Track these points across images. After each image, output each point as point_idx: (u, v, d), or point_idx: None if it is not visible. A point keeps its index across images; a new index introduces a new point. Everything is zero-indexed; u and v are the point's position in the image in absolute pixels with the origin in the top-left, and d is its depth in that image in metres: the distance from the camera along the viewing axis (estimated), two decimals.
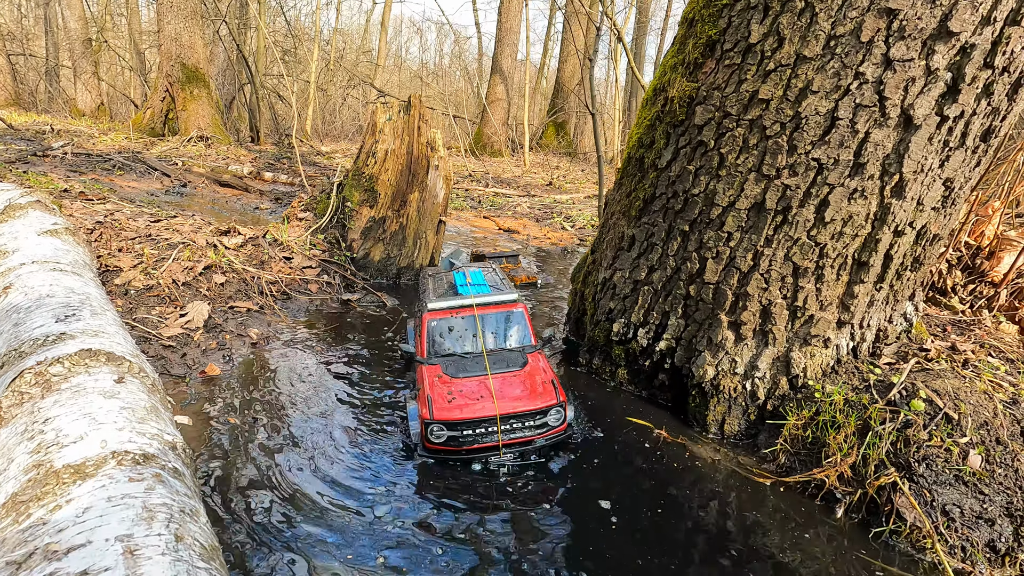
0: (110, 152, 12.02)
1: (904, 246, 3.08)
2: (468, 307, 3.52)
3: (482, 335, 3.49)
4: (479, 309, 3.53)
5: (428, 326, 3.49)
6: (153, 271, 4.57)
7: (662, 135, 3.49)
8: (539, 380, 3.18)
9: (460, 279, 3.89)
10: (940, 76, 2.63)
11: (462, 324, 3.51)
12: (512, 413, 2.96)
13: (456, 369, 3.26)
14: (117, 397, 1.92)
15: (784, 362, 3.27)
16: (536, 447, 3.04)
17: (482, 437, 2.95)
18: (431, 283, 4.01)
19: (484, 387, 3.11)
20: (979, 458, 2.52)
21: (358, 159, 6.00)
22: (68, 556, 1.25)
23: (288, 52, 22.39)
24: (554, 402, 3.03)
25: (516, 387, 3.13)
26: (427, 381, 3.15)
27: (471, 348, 3.46)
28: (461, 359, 3.37)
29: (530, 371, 3.26)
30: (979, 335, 3.68)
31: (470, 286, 3.79)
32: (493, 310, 3.56)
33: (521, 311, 3.61)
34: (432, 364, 3.32)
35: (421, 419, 2.94)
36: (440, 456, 2.97)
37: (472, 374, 3.21)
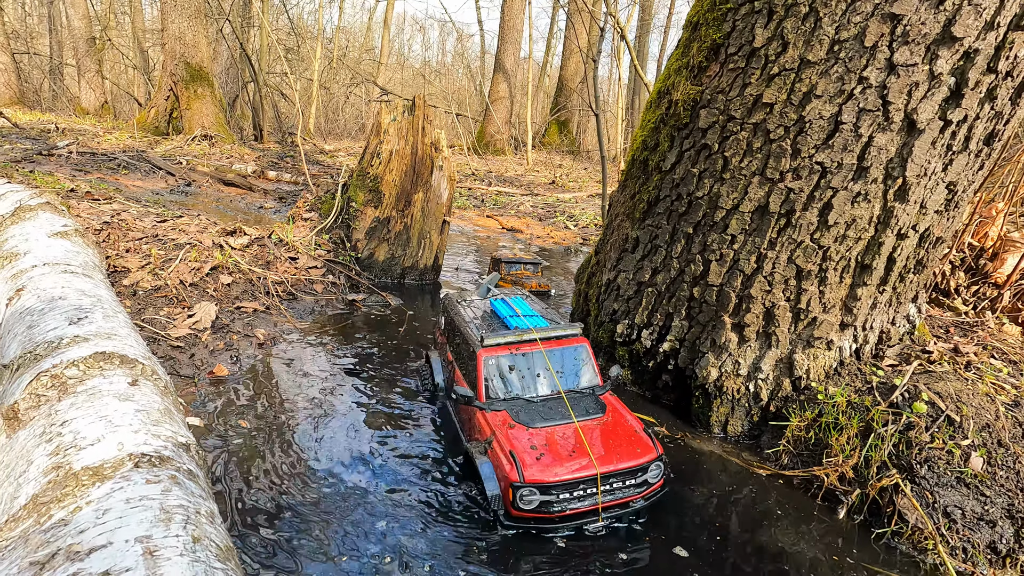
0: (115, 151, 12.08)
1: (907, 249, 3.10)
2: (532, 342, 3.05)
3: (557, 375, 3.03)
4: (544, 344, 3.06)
5: (485, 365, 2.96)
6: (160, 272, 4.61)
7: (666, 138, 3.51)
8: (629, 429, 2.77)
9: (504, 309, 3.41)
10: (944, 80, 2.65)
11: (525, 362, 3.02)
12: (613, 471, 2.51)
13: (530, 417, 2.77)
14: (132, 400, 1.96)
15: (787, 364, 3.30)
16: (634, 509, 2.61)
17: (579, 500, 2.51)
18: (464, 312, 3.49)
19: (573, 439, 2.65)
20: (981, 460, 2.55)
21: (363, 159, 6.03)
22: (90, 557, 1.29)
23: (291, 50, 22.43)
24: (654, 455, 2.61)
25: (608, 438, 2.68)
26: (501, 434, 2.65)
27: (538, 390, 2.99)
28: (530, 404, 2.89)
29: (615, 418, 2.84)
30: (982, 337, 3.70)
31: (520, 317, 3.29)
32: (557, 345, 3.09)
33: (585, 346, 3.15)
34: (496, 410, 2.82)
35: (506, 482, 2.44)
36: (527, 526, 2.50)
37: (552, 422, 2.74)
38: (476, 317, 3.41)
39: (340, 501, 2.60)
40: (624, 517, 2.61)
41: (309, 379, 3.75)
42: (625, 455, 2.57)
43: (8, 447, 1.78)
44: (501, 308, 3.42)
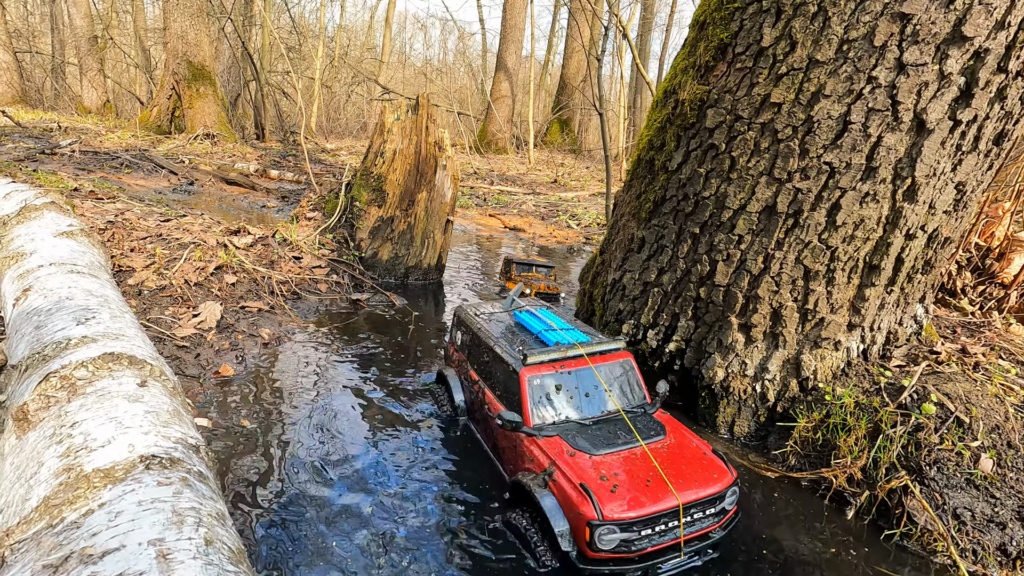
0: (117, 150, 12.08)
1: (915, 249, 3.08)
2: (577, 358, 2.81)
3: (610, 393, 2.79)
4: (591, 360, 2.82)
5: (529, 386, 2.70)
6: (165, 271, 4.61)
7: (672, 137, 3.50)
8: (697, 451, 2.55)
9: (535, 322, 3.15)
10: (953, 80, 2.63)
11: (572, 381, 2.78)
12: (695, 500, 2.29)
13: (589, 442, 2.50)
14: (141, 401, 1.95)
15: (794, 364, 3.29)
16: (713, 541, 2.38)
17: (660, 536, 2.27)
18: (488, 326, 3.21)
19: (645, 466, 2.40)
20: (991, 462, 2.54)
21: (366, 159, 6.02)
22: (104, 560, 1.28)
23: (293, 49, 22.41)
24: (731, 480, 2.40)
25: (679, 463, 2.45)
26: (562, 463, 2.40)
27: (590, 411, 2.75)
28: (584, 427, 2.63)
29: (678, 438, 2.62)
30: (989, 337, 3.68)
31: (558, 331, 3.03)
32: (602, 360, 2.86)
33: (630, 360, 2.95)
34: (548, 436, 2.56)
35: (580, 519, 2.20)
36: (604, 569, 2.25)
37: (616, 448, 2.48)
38: (504, 332, 3.13)
39: (346, 504, 2.60)
40: (703, 550, 2.37)
41: (314, 379, 3.75)
42: (703, 481, 2.34)
43: (18, 448, 1.78)
44: (531, 322, 3.16)
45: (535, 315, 3.26)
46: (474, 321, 3.33)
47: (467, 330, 3.38)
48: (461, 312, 3.54)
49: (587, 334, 3.07)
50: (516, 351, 2.83)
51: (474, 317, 3.38)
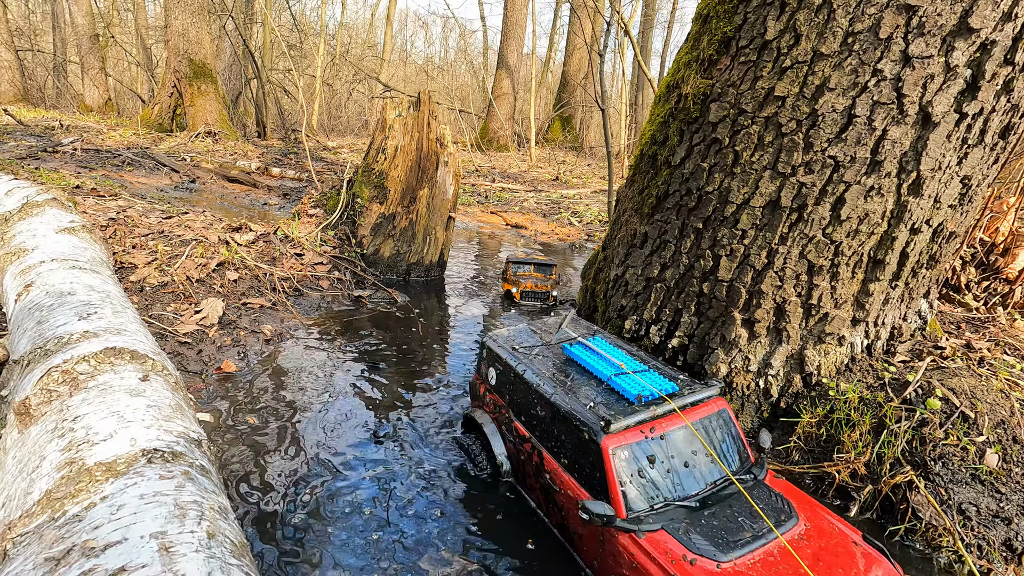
0: (119, 148, 12.09)
1: (920, 244, 3.06)
2: (669, 414, 2.25)
3: (717, 460, 2.24)
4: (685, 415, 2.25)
5: (617, 461, 2.10)
6: (167, 268, 4.61)
7: (676, 132, 3.48)
8: (846, 540, 1.99)
9: (597, 363, 2.54)
10: (960, 73, 2.61)
11: (667, 447, 2.20)
12: None
13: (708, 540, 1.93)
14: (143, 395, 1.95)
15: (798, 360, 3.27)
16: None
17: None
18: (534, 365, 2.63)
19: (792, 574, 1.83)
20: (996, 457, 2.52)
21: (368, 155, 6.01)
22: (105, 553, 1.28)
23: (294, 47, 22.39)
24: None
25: (834, 566, 1.87)
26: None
27: (692, 487, 2.17)
28: (694, 514, 2.06)
29: (815, 523, 2.07)
30: (994, 332, 3.67)
31: (628, 374, 2.43)
32: (696, 414, 2.29)
33: (727, 410, 2.41)
34: (651, 531, 1.98)
35: None
36: None
37: (745, 546, 1.91)
38: (558, 376, 2.53)
39: (345, 501, 2.59)
40: None
41: (316, 376, 3.75)
42: None
43: (21, 442, 1.78)
44: (591, 361, 2.56)
45: (593, 350, 2.67)
46: (514, 358, 2.71)
47: (505, 369, 2.76)
48: (493, 344, 2.90)
49: (668, 376, 2.49)
50: (588, 410, 2.24)
51: (512, 352, 2.76)
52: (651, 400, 2.27)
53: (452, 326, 4.89)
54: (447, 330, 4.79)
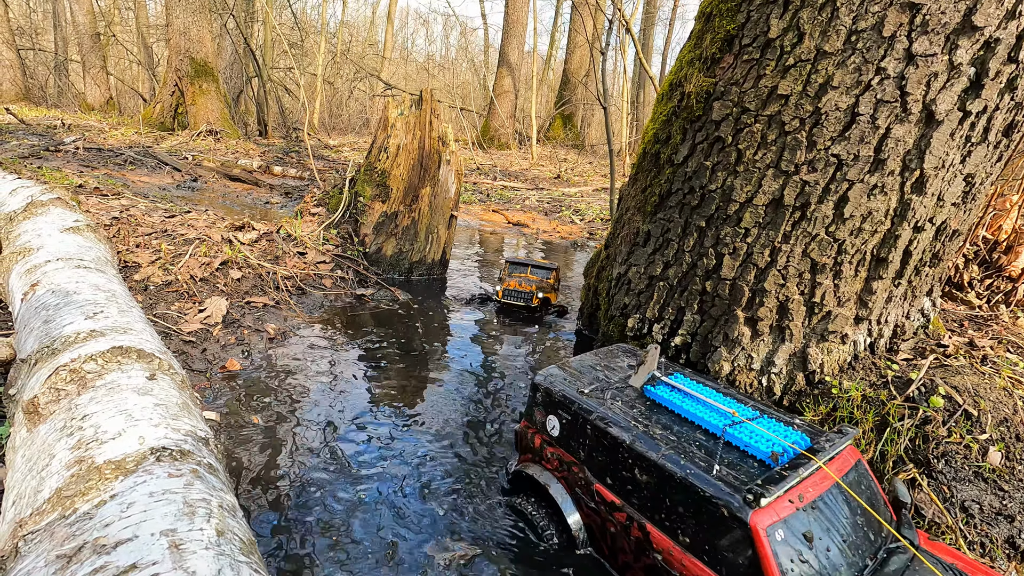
0: (121, 147, 12.10)
1: (924, 242, 3.07)
2: (814, 474, 1.87)
3: (891, 529, 1.93)
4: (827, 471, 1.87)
5: (774, 545, 1.70)
6: (171, 267, 4.62)
7: (678, 131, 3.48)
8: None
9: (698, 409, 2.16)
10: (963, 71, 2.61)
11: (820, 518, 1.82)
12: None
13: None
14: (150, 394, 1.96)
15: (801, 358, 3.28)
16: None
17: None
18: (612, 415, 2.20)
19: None
20: (999, 455, 2.53)
21: (370, 154, 6.02)
22: (116, 550, 1.29)
23: (295, 45, 22.38)
24: None
25: None
26: None
27: (854, 567, 1.82)
28: None
29: None
30: (997, 331, 3.67)
31: (744, 423, 2.06)
32: (839, 470, 1.93)
33: (862, 461, 2.08)
34: None
35: None
36: None
37: None
38: (653, 427, 2.09)
39: (352, 502, 2.60)
40: None
41: (320, 374, 3.76)
42: None
43: (30, 441, 1.79)
44: (688, 407, 2.15)
45: (682, 391, 2.25)
46: (586, 405, 2.25)
47: (574, 419, 2.28)
48: (551, 386, 2.42)
49: (786, 422, 2.09)
50: (715, 477, 1.83)
51: (581, 398, 2.30)
52: (791, 459, 1.85)
53: (455, 325, 4.90)
54: (450, 329, 4.80)
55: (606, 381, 2.46)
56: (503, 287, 5.23)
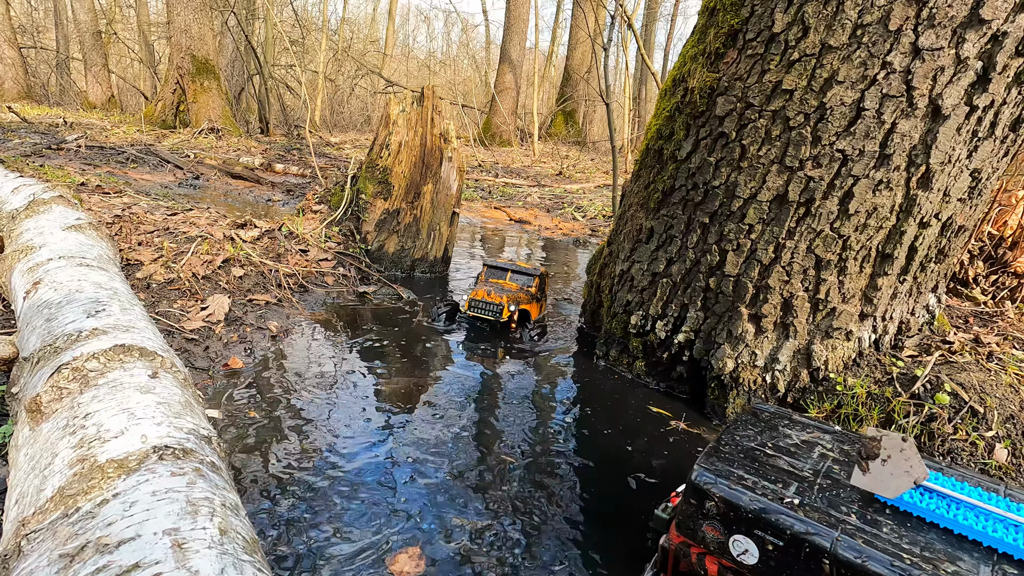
0: (123, 145, 12.10)
1: (929, 238, 3.04)
2: None
3: None
4: None
5: None
6: (173, 264, 4.62)
7: (682, 126, 3.46)
8: None
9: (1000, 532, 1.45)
10: (970, 65, 2.59)
11: None
12: None
13: None
14: (153, 392, 1.95)
15: (805, 355, 3.26)
16: None
17: None
18: (856, 539, 1.45)
19: None
20: (1005, 452, 2.51)
21: (372, 151, 6.00)
22: (119, 549, 1.28)
23: (296, 42, 22.34)
24: None
25: None
26: None
27: None
28: None
29: None
30: (1002, 327, 3.65)
31: None
32: None
33: None
34: None
35: None
36: None
37: None
38: (930, 555, 1.40)
39: (353, 504, 2.60)
40: None
41: (323, 372, 3.76)
42: None
43: (32, 440, 1.79)
44: (969, 522, 1.48)
45: (950, 497, 1.59)
46: (807, 527, 1.52)
47: (789, 544, 1.55)
48: (732, 491, 1.67)
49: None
50: None
51: (795, 515, 1.56)
52: None
53: (457, 322, 4.89)
54: (451, 326, 4.79)
55: (800, 476, 1.73)
56: (470, 296, 4.50)
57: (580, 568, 2.26)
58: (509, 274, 4.81)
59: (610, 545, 2.40)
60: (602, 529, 2.49)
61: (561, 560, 2.30)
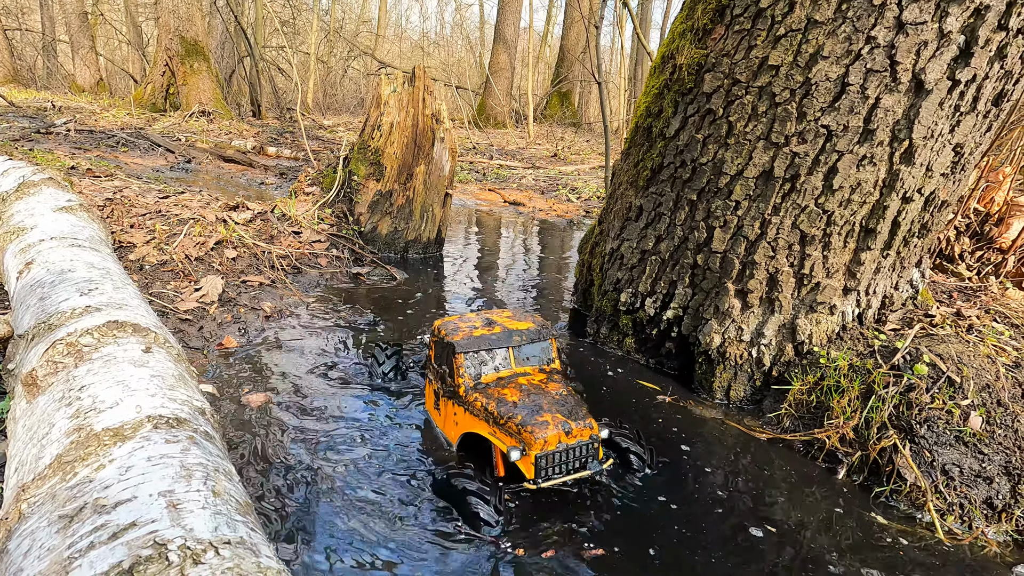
0: (113, 129, 11.99)
1: (912, 213, 3.09)
2: None
3: None
4: None
5: None
6: (166, 246, 4.63)
7: (670, 104, 3.47)
8: None
9: None
10: (953, 39, 2.60)
11: None
12: None
13: None
14: (146, 366, 2.00)
15: (790, 329, 3.32)
16: None
17: None
18: None
19: None
20: (980, 419, 2.59)
21: (363, 132, 5.98)
22: (116, 509, 1.34)
23: (287, 23, 22.00)
24: None
25: None
26: None
27: None
28: None
29: None
30: (985, 301, 3.71)
31: None
32: None
33: None
34: None
35: None
36: None
37: None
38: None
39: (343, 483, 2.66)
40: None
41: (317, 352, 3.80)
42: None
43: (29, 412, 1.83)
44: None
45: None
46: None
47: None
48: None
49: None
50: None
51: None
52: None
53: (450, 302, 4.93)
54: (445, 306, 4.83)
55: None
56: (536, 450, 2.24)
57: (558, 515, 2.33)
58: (514, 351, 2.61)
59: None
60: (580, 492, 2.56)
61: (546, 520, 2.38)
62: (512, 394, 2.43)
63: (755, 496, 2.64)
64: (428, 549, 2.18)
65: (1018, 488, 2.48)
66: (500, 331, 2.62)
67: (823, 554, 2.30)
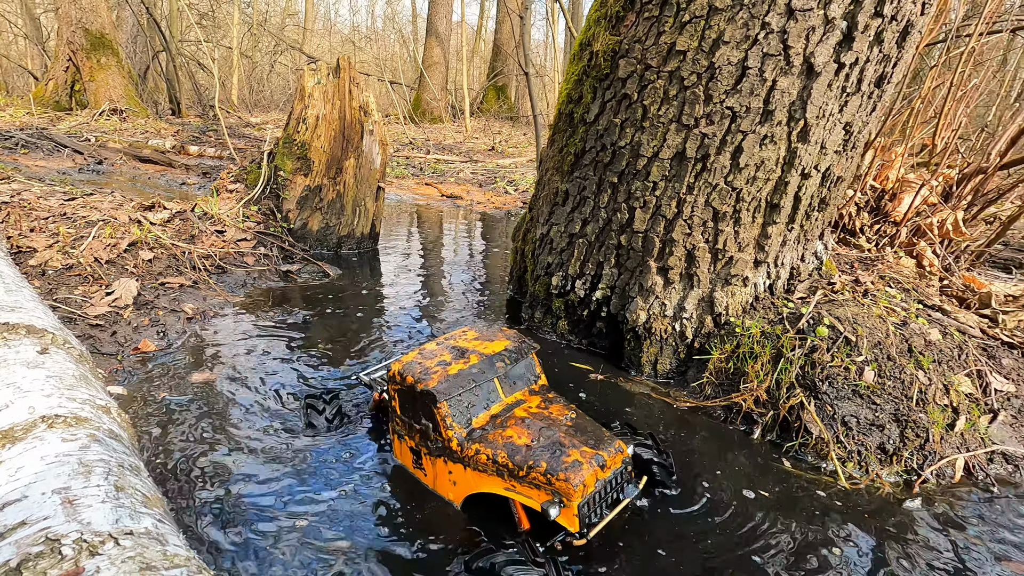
0: (10, 129, 11.02)
1: (811, 188, 3.33)
2: None
3: None
4: None
5: None
6: (72, 250, 4.33)
7: (589, 89, 3.57)
8: None
9: None
10: (837, 24, 2.82)
11: None
12: None
13: None
14: (42, 367, 1.88)
15: (708, 302, 3.51)
16: None
17: None
18: None
19: None
20: (872, 373, 2.84)
21: (288, 126, 5.80)
22: (4, 511, 1.26)
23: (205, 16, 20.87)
24: None
25: None
26: None
27: None
28: None
29: None
30: (881, 269, 4.05)
31: None
32: None
33: None
34: None
35: None
36: None
37: None
38: None
39: (266, 489, 2.60)
40: None
41: (243, 353, 3.67)
42: None
43: None
44: None
45: None
46: None
47: None
48: None
49: None
50: None
51: None
52: None
53: (387, 297, 4.88)
54: (382, 302, 4.77)
55: None
56: (580, 497, 1.91)
57: None
58: (499, 382, 2.26)
59: None
60: None
61: None
62: (519, 434, 2.02)
63: (681, 463, 2.78)
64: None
65: (905, 433, 2.74)
66: (478, 360, 2.19)
67: (746, 510, 2.46)
